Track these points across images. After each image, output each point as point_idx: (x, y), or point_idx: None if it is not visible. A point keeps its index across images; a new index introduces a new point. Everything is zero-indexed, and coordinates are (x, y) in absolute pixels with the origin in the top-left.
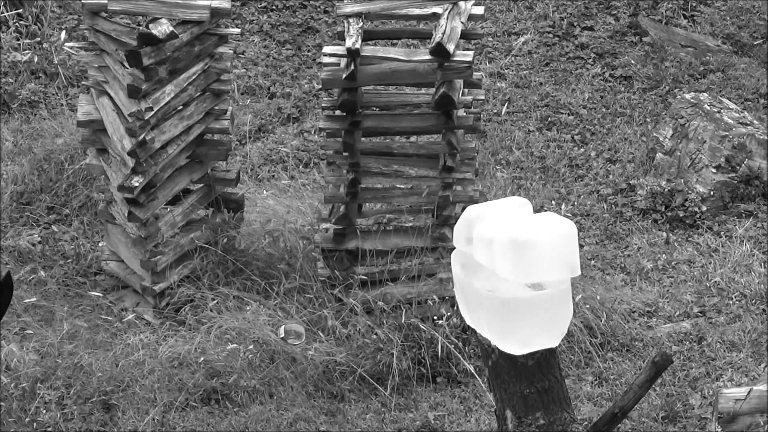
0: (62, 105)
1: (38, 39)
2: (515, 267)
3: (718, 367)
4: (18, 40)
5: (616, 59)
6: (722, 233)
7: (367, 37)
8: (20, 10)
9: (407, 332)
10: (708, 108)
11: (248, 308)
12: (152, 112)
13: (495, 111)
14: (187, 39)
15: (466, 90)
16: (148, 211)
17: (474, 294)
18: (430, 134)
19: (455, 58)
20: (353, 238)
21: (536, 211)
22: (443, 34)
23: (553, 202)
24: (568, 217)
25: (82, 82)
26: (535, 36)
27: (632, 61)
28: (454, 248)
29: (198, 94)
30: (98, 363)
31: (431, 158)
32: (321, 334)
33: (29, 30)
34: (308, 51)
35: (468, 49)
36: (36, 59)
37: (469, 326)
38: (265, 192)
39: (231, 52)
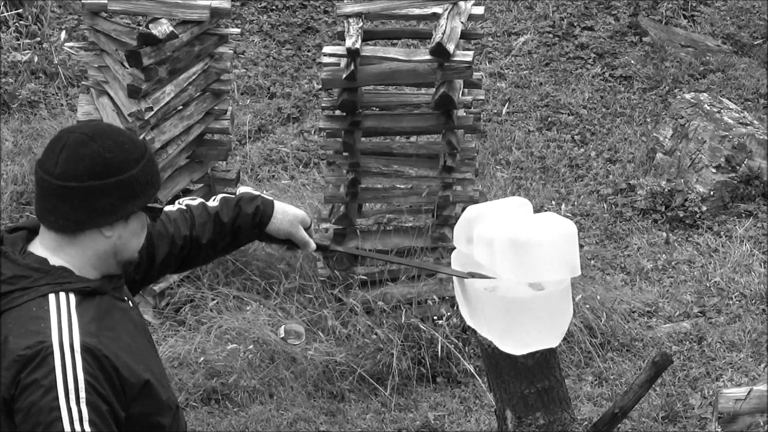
0: (62, 105)
1: (38, 39)
2: (515, 267)
3: (718, 367)
4: (18, 40)
5: (616, 59)
6: (722, 233)
7: (367, 37)
8: (20, 10)
9: (407, 332)
10: (708, 108)
11: (248, 308)
12: (152, 112)
13: (495, 111)
14: (187, 39)
15: (466, 90)
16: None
17: (474, 294)
18: (430, 134)
19: (455, 58)
20: (353, 238)
21: (536, 211)
22: (443, 34)
23: (553, 202)
24: (568, 217)
25: (82, 82)
26: (535, 36)
27: (632, 61)
28: (454, 248)
29: (198, 94)
30: None
31: (431, 158)
32: (321, 334)
33: (29, 30)
34: (308, 51)
35: (468, 49)
36: (36, 59)
37: (469, 326)
38: (265, 192)
39: (231, 52)
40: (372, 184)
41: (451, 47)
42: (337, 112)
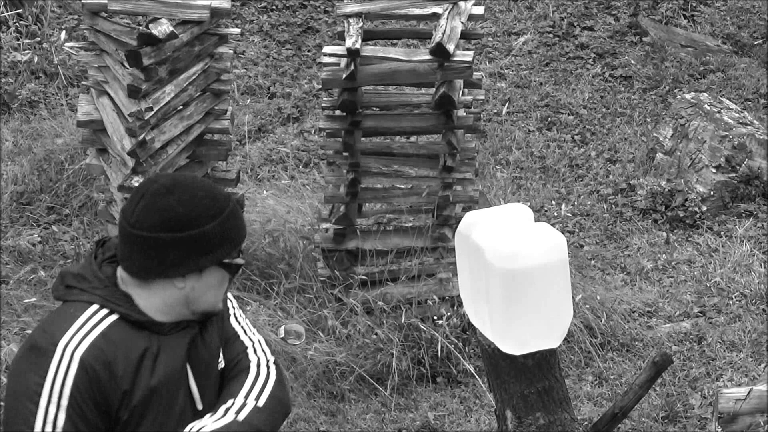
0: (62, 105)
1: (38, 39)
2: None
3: (718, 367)
4: (18, 40)
5: (616, 59)
6: (722, 233)
7: (367, 37)
8: (20, 10)
9: (407, 332)
10: (708, 108)
11: (248, 308)
12: (152, 112)
13: (495, 111)
14: (187, 39)
15: (466, 90)
16: None
17: (475, 294)
18: (430, 134)
19: (455, 58)
20: (353, 238)
21: (536, 211)
22: (443, 34)
23: (553, 202)
24: (568, 217)
25: (82, 82)
26: (535, 36)
27: (632, 61)
28: (454, 247)
29: (198, 94)
30: None
31: (431, 158)
32: (321, 334)
33: (29, 30)
34: (308, 51)
35: (468, 49)
36: (36, 59)
37: (469, 326)
38: (265, 192)
39: (231, 52)
40: (372, 184)
41: (451, 47)
42: (337, 112)
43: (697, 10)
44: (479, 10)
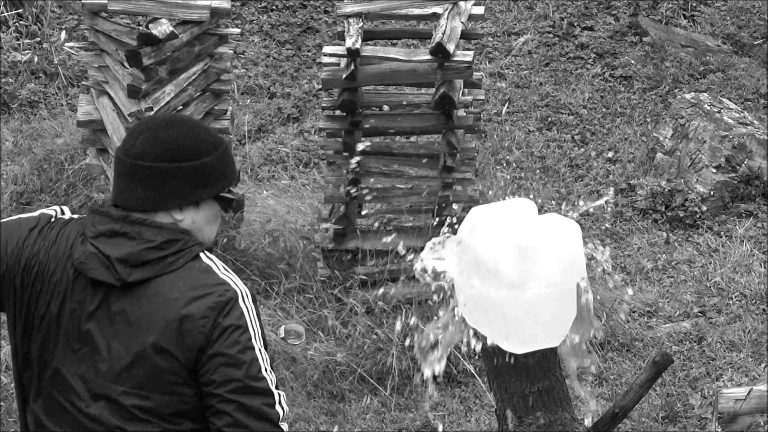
0: (62, 105)
1: (38, 39)
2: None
3: (718, 367)
4: (18, 40)
5: (616, 59)
6: (722, 233)
7: (367, 37)
8: (20, 10)
9: (407, 332)
10: (708, 108)
11: None
12: (152, 112)
13: (495, 111)
14: (187, 39)
15: (466, 90)
16: None
17: (473, 293)
18: (430, 134)
19: (455, 58)
20: (353, 238)
21: (537, 211)
22: (443, 34)
23: (553, 202)
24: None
25: (82, 82)
26: (535, 36)
27: (632, 61)
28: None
29: (198, 94)
30: None
31: (431, 158)
32: (321, 334)
33: (29, 30)
34: (308, 51)
35: (468, 49)
36: (36, 59)
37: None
38: (265, 192)
39: (231, 52)
40: (372, 184)
41: (451, 47)
42: (337, 112)
43: (697, 10)
44: (479, 10)
